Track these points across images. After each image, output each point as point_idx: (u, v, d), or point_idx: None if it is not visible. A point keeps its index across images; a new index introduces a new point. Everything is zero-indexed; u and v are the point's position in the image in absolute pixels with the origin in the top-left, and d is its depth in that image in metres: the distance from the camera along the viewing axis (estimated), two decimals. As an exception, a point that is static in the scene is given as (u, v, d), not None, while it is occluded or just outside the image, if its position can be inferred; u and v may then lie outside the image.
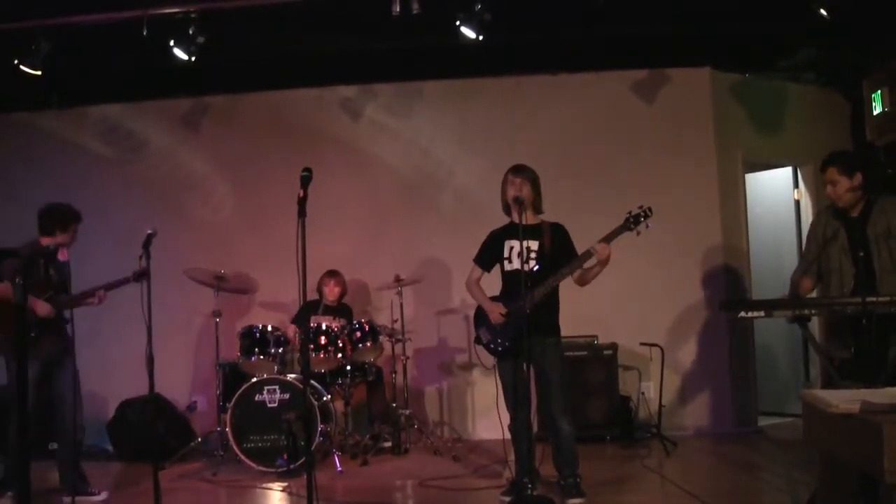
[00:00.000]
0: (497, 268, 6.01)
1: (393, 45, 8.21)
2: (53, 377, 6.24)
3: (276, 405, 7.17)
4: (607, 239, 5.60)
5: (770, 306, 5.55)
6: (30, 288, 5.97)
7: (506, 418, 5.89)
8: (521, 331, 5.49)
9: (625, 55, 8.56)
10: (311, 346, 7.45)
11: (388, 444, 7.94)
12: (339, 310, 8.33)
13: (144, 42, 7.07)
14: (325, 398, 7.54)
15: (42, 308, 6.03)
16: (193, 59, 7.46)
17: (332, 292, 8.30)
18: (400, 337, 7.92)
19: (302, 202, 4.56)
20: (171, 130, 9.23)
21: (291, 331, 7.86)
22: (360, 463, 7.43)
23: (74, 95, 9.09)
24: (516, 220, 5.66)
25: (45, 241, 6.27)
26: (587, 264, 5.70)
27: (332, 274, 8.31)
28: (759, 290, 8.64)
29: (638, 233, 5.69)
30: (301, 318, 7.25)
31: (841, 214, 5.55)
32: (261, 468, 7.06)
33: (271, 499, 6.52)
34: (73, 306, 6.31)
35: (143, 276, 6.34)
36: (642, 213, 5.68)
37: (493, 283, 6.02)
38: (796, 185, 9.35)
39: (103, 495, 6.19)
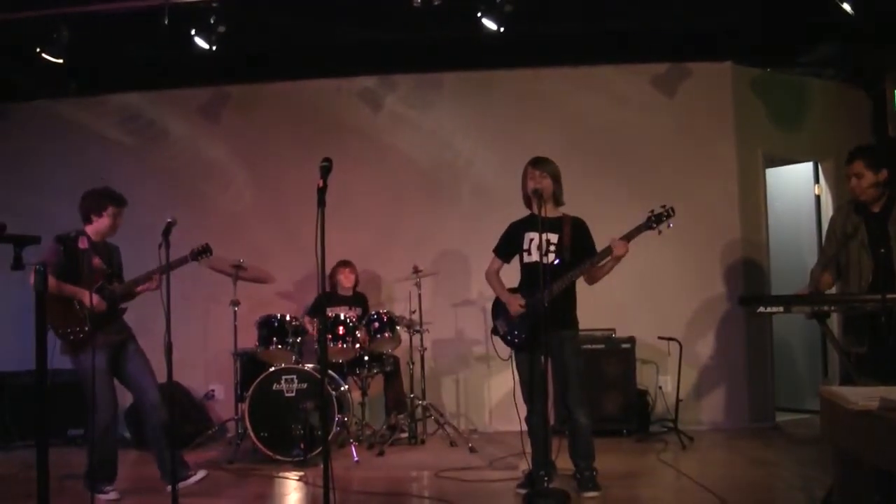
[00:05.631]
0: (517, 259, 6.00)
1: (413, 36, 8.20)
2: (122, 367, 6.12)
3: (293, 395, 7.18)
4: (628, 237, 5.59)
5: (789, 302, 5.54)
6: (77, 279, 5.95)
7: (522, 410, 5.89)
8: (539, 323, 5.50)
9: (646, 49, 8.53)
10: (329, 336, 7.46)
11: (404, 435, 7.97)
12: (355, 299, 8.37)
13: (165, 31, 7.09)
14: (342, 388, 7.56)
15: (93, 300, 5.88)
16: (214, 48, 7.48)
17: (347, 280, 8.33)
18: (418, 328, 7.93)
19: (321, 192, 4.55)
20: (191, 120, 9.28)
21: (309, 323, 7.87)
22: (376, 453, 7.46)
23: (94, 83, 9.13)
24: (536, 212, 5.66)
25: (88, 228, 6.14)
26: (602, 261, 5.68)
27: (346, 263, 8.34)
28: (778, 285, 8.63)
29: (659, 232, 5.66)
30: (317, 310, 7.26)
31: (862, 209, 5.53)
32: (277, 457, 7.07)
33: (287, 488, 6.53)
34: (129, 295, 6.17)
35: (202, 254, 6.23)
36: (665, 213, 5.65)
37: (514, 274, 6.02)
38: (817, 181, 9.31)
39: (113, 495, 6.00)
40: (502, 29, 7.22)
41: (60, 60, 7.55)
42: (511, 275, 6.01)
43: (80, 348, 5.88)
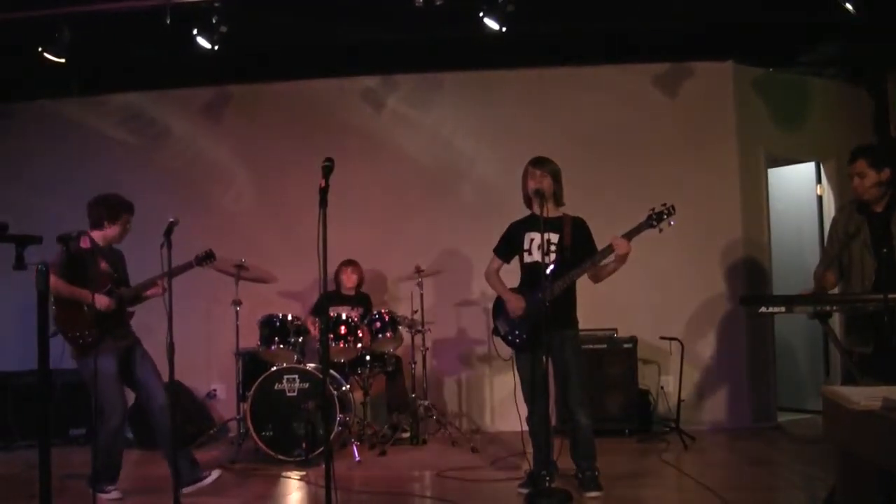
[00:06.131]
0: (517, 259, 6.00)
1: (415, 36, 8.20)
2: (132, 372, 6.08)
3: (295, 394, 7.18)
4: (629, 235, 5.57)
5: (790, 302, 5.53)
6: (83, 280, 5.89)
7: (524, 410, 5.89)
8: (539, 323, 5.50)
9: (647, 48, 8.54)
10: (331, 335, 7.46)
11: (406, 435, 7.97)
12: (358, 299, 8.36)
13: (167, 31, 7.09)
14: (344, 388, 7.56)
15: (100, 301, 5.83)
16: (216, 48, 7.48)
17: (349, 280, 8.33)
18: (419, 328, 7.93)
19: (323, 192, 4.55)
20: (193, 120, 9.29)
21: (311, 323, 7.87)
22: (378, 453, 7.47)
23: (96, 83, 9.13)
24: (537, 212, 5.66)
25: (96, 234, 6.09)
26: (605, 261, 5.68)
27: (349, 263, 8.34)
28: (780, 285, 8.61)
29: (660, 230, 5.64)
30: (320, 309, 7.26)
31: (865, 209, 5.52)
32: (279, 457, 7.07)
33: (289, 487, 6.54)
34: (136, 299, 6.15)
35: (206, 259, 6.20)
36: (665, 211, 5.63)
37: (514, 274, 6.02)
38: (819, 181, 9.30)
39: (115, 494, 5.98)
40: (504, 29, 7.22)
41: (62, 60, 7.55)
42: (511, 275, 6.02)
43: (89, 352, 5.83)
